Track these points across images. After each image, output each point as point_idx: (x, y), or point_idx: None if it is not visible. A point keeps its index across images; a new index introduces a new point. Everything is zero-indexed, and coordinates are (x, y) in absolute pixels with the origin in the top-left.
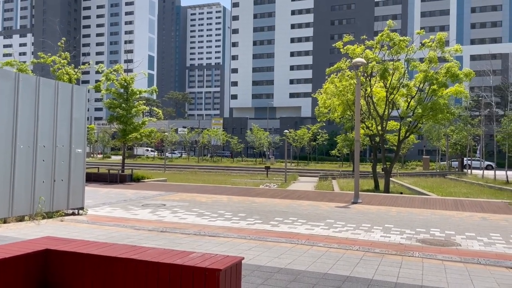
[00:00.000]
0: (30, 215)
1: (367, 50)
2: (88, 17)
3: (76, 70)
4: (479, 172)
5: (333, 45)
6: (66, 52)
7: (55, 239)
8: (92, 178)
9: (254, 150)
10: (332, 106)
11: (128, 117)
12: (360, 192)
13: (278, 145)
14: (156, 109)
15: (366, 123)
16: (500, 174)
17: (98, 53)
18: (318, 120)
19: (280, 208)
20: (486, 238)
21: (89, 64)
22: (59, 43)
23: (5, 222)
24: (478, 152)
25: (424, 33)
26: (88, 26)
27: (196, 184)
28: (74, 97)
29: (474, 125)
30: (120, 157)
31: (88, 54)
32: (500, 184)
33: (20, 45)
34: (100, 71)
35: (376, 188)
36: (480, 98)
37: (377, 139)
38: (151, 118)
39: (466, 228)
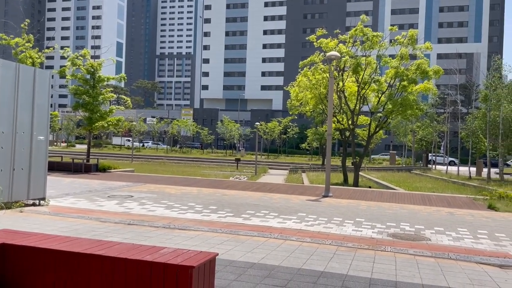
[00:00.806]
0: None
1: (340, 44)
2: (53, 0)
3: (40, 54)
4: (443, 167)
5: (307, 38)
6: (30, 35)
7: (12, 232)
8: (55, 167)
9: (225, 142)
10: (304, 99)
11: (94, 105)
12: (330, 186)
13: (249, 137)
14: (124, 97)
15: (337, 117)
16: (463, 170)
17: (63, 38)
18: (290, 113)
19: (252, 201)
20: (454, 232)
21: (54, 48)
22: (22, 25)
23: None
24: (442, 148)
25: (396, 29)
26: (54, 9)
27: (165, 175)
28: (37, 81)
29: (439, 122)
30: (85, 146)
31: (53, 38)
32: (463, 180)
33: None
34: (66, 56)
35: (345, 182)
36: (445, 96)
37: (347, 133)
38: (119, 107)
39: (434, 222)
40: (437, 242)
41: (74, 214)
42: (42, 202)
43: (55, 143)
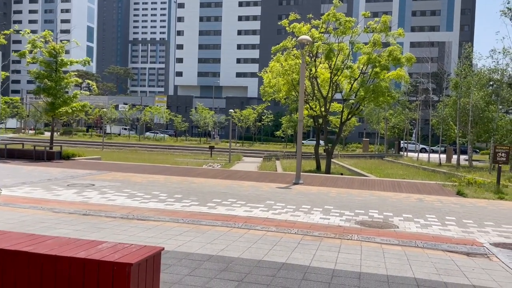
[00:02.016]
0: None
1: (313, 29)
2: None
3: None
4: (414, 154)
5: (279, 23)
6: None
7: None
8: (16, 155)
9: (199, 130)
10: (277, 85)
11: (57, 89)
12: (302, 173)
13: (224, 125)
14: (90, 81)
15: (310, 104)
16: (433, 156)
17: (31, 21)
18: (263, 99)
19: (220, 189)
20: (423, 219)
21: (14, 30)
22: None
23: None
24: (414, 135)
25: (369, 15)
26: None
27: (133, 163)
28: None
29: (411, 109)
30: (56, 134)
31: (20, 22)
32: (434, 167)
33: None
34: (27, 37)
35: (318, 169)
36: (418, 84)
37: (320, 120)
38: (83, 92)
39: (403, 209)
40: (405, 229)
41: (26, 204)
42: None
43: (23, 131)
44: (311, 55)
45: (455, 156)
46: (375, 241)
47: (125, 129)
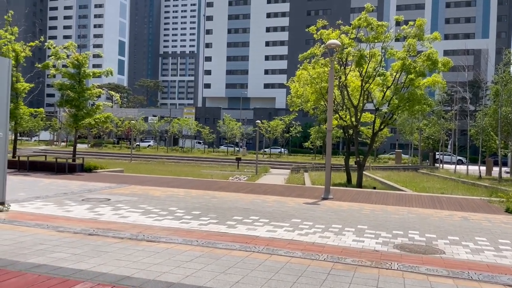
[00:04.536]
0: None
1: (342, 35)
2: None
3: (24, 47)
4: (451, 166)
5: (306, 29)
6: (15, 27)
7: None
8: (38, 167)
9: (226, 141)
10: (305, 95)
11: (80, 101)
12: (331, 187)
13: (251, 136)
14: (112, 92)
15: (340, 114)
16: (472, 169)
17: (65, 37)
18: (291, 109)
19: (242, 205)
20: (472, 243)
21: (39, 42)
22: (5, 17)
23: None
24: (449, 146)
25: (403, 19)
26: (56, 8)
27: (155, 176)
28: None
29: (447, 119)
30: (86, 146)
31: (55, 37)
32: (473, 180)
33: None
34: (50, 48)
35: (349, 182)
36: (453, 94)
37: (351, 131)
38: (106, 103)
39: (447, 230)
40: (452, 255)
41: (32, 221)
42: (0, 207)
43: (56, 143)
44: (340, 62)
45: (495, 169)
46: (419, 271)
47: (199, 143)
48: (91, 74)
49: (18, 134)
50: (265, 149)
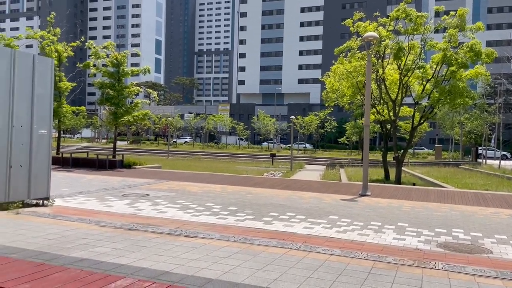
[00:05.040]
0: None
1: (380, 27)
2: (95, 0)
3: (66, 47)
4: (495, 162)
5: (342, 23)
6: (57, 28)
7: None
8: (81, 163)
9: (260, 137)
10: (340, 89)
11: (119, 99)
12: (369, 183)
13: (285, 132)
14: (150, 90)
15: (377, 108)
16: None
17: (105, 37)
18: (326, 105)
19: (278, 201)
20: None
21: (80, 42)
22: (48, 18)
23: None
24: (493, 141)
25: (444, 9)
26: (95, 9)
27: (191, 172)
28: (37, 69)
29: (490, 112)
30: (125, 142)
31: (95, 38)
32: None
33: (27, 28)
34: (90, 47)
35: (387, 178)
36: (496, 86)
37: (389, 125)
38: (144, 100)
39: (494, 228)
40: (501, 255)
41: (75, 216)
42: (46, 202)
43: (96, 140)
44: (377, 55)
45: None
46: (466, 272)
47: (241, 139)
48: (129, 72)
49: (61, 132)
50: (289, 145)
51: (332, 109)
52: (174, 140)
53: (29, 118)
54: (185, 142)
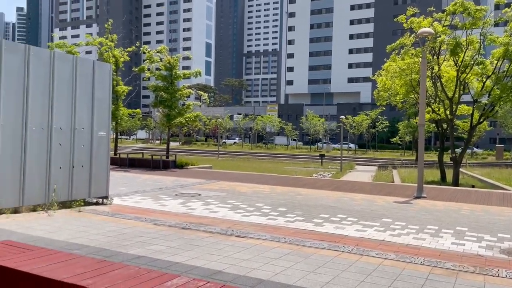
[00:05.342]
0: (44, 204)
1: (435, 22)
2: (148, 6)
3: (123, 52)
4: None
5: (395, 19)
6: (114, 34)
7: (12, 246)
8: (136, 164)
9: (309, 137)
10: (393, 88)
11: (172, 101)
12: (424, 185)
13: (335, 132)
14: (201, 92)
15: (433, 107)
16: None
17: (158, 41)
18: (378, 104)
19: (328, 202)
20: None
21: (136, 47)
22: (106, 25)
23: (16, 212)
24: None
25: (505, 1)
26: (149, 15)
27: (242, 172)
28: (96, 74)
29: None
30: (177, 143)
31: (149, 42)
32: None
33: (86, 35)
34: (145, 52)
35: (443, 180)
36: None
37: (445, 125)
38: (195, 102)
39: None
40: None
41: (131, 214)
42: (105, 201)
43: (150, 141)
44: (433, 51)
45: None
46: None
47: (294, 140)
48: (181, 75)
49: (118, 133)
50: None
51: (384, 108)
52: (224, 140)
53: (89, 121)
54: (234, 142)
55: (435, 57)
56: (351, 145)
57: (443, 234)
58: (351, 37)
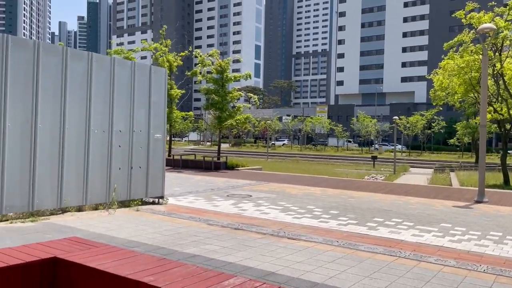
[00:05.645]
0: (105, 203)
1: (497, 17)
2: (200, 11)
3: (176, 57)
4: None
5: (452, 15)
6: (168, 40)
7: (78, 242)
8: (189, 165)
9: (360, 139)
10: (451, 87)
11: (223, 104)
12: (485, 189)
13: (387, 133)
14: (251, 94)
15: (494, 106)
16: None
17: (209, 45)
18: (434, 104)
19: (382, 206)
20: None
21: (188, 51)
22: (160, 31)
23: (79, 210)
24: None
25: None
26: (200, 20)
27: (291, 174)
28: (152, 79)
29: None
30: (227, 145)
31: (200, 46)
32: None
33: (142, 41)
34: (197, 56)
35: (506, 184)
36: None
37: (508, 125)
38: (245, 104)
39: None
40: None
41: (186, 214)
42: (160, 200)
43: (202, 143)
44: (494, 48)
45: None
46: None
47: (349, 141)
48: (232, 78)
49: (172, 135)
50: (392, 145)
51: (441, 108)
52: (273, 142)
53: (146, 123)
54: (283, 144)
55: (497, 53)
56: (399, 146)
57: (508, 241)
58: (405, 35)
